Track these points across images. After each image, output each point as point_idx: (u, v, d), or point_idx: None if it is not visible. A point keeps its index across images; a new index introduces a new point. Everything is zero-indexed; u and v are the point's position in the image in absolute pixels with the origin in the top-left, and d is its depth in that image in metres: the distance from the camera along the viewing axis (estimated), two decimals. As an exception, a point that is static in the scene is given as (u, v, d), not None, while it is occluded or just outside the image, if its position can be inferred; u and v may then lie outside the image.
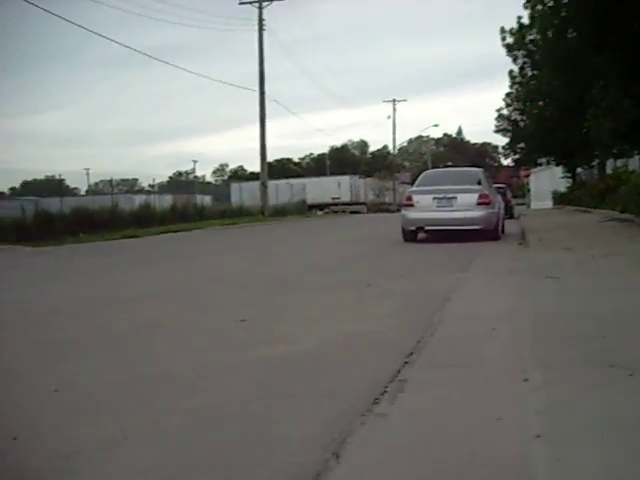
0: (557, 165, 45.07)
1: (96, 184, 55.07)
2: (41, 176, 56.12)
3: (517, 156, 49.28)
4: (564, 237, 14.37)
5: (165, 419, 3.52)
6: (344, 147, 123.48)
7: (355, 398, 3.70)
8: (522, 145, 46.13)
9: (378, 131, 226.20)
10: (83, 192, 48.65)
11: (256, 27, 43.73)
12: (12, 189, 54.32)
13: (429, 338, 5.14)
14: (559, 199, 45.86)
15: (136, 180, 68.27)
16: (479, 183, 17.09)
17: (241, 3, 43.84)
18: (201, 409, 3.66)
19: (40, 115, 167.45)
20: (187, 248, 19.53)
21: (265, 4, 43.69)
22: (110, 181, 38.11)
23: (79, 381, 4.42)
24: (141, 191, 53.42)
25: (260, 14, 43.62)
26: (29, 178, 62.01)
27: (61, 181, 33.90)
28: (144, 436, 3.30)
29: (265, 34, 43.86)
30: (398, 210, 30.82)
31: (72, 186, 50.39)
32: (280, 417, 3.50)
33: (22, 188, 65.09)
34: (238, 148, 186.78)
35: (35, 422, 3.61)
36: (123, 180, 60.20)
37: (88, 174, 45.41)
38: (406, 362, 4.41)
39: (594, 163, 37.57)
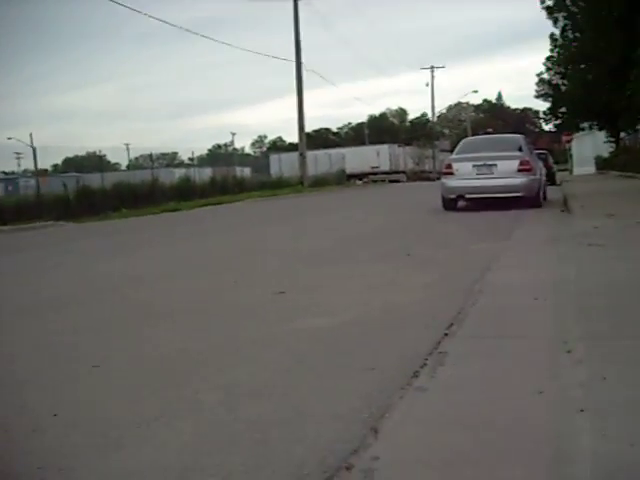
0: (600, 130, 44.27)
1: (136, 159, 55.38)
2: (82, 152, 56.79)
3: (558, 121, 48.47)
4: (607, 203, 14.10)
5: (204, 395, 3.51)
6: (383, 116, 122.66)
7: (394, 371, 3.66)
8: (564, 110, 45.36)
9: (417, 99, 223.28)
10: (124, 167, 49.01)
11: (291, -3, 43.39)
12: (54, 166, 55.03)
13: (470, 308, 5.08)
14: (602, 164, 45.09)
15: (176, 154, 68.76)
16: (520, 149, 16.83)
17: (276, -27, 43.52)
18: (239, 384, 3.65)
19: (80, 92, 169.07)
20: (228, 221, 19.59)
21: (300, -27, 43.29)
22: (150, 155, 38.30)
23: (116, 358, 4.44)
24: (181, 164, 53.81)
25: (295, -17, 43.24)
26: (70, 155, 62.81)
27: (102, 157, 34.18)
28: (182, 412, 3.29)
29: (300, 4, 43.53)
30: (438, 178, 30.50)
31: (113, 161, 50.95)
32: (318, 391, 3.47)
33: (64, 165, 65.99)
34: (276, 119, 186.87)
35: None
36: (163, 154, 60.57)
37: (128, 149, 45.64)
38: (446, 334, 4.36)
39: (639, 127, 36.81)
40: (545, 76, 46.30)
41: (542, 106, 52.20)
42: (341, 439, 2.80)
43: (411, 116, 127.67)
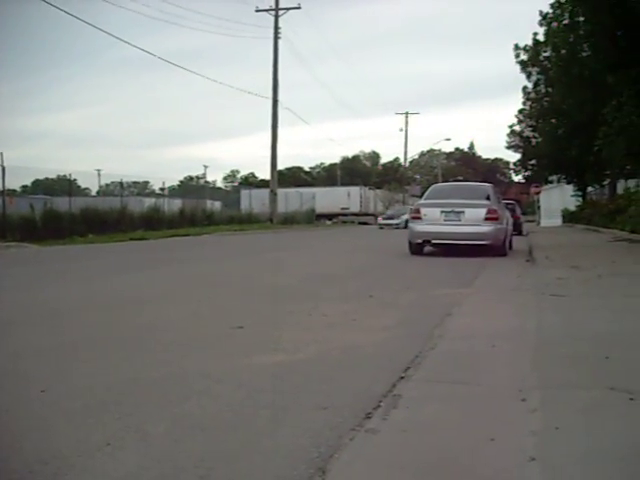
0: (568, 183, 44.95)
1: (107, 185, 55.02)
2: (53, 175, 56.29)
3: (528, 173, 49.21)
4: (572, 255, 14.26)
5: (151, 425, 3.43)
6: (355, 158, 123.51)
7: (347, 411, 3.61)
8: (533, 162, 46.06)
9: (390, 143, 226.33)
10: (94, 193, 48.66)
11: (271, 35, 43.86)
12: (23, 187, 54.45)
13: (428, 352, 5.06)
14: (569, 217, 45.75)
15: (147, 183, 68.41)
16: (488, 198, 16.99)
17: (257, 10, 43.99)
18: (188, 416, 3.57)
19: (54, 114, 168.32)
20: (193, 253, 19.48)
21: (281, 12, 43.80)
22: (121, 183, 38.16)
23: (69, 383, 4.34)
24: (151, 194, 53.53)
25: (276, 22, 43.76)
26: (40, 177, 62.24)
27: (72, 181, 33.92)
28: (127, 442, 3.20)
29: (280, 42, 43.96)
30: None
31: (83, 186, 50.49)
32: (268, 427, 3.41)
33: (33, 187, 65.30)
34: (249, 155, 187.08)
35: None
36: (134, 182, 60.34)
37: (99, 175, 45.37)
38: (402, 377, 4.32)
39: (605, 182, 37.48)
40: (517, 128, 47.10)
41: (513, 157, 53.15)
42: (288, 477, 2.74)
43: (384, 160, 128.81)
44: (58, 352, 5.34)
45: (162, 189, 42.46)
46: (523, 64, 40.51)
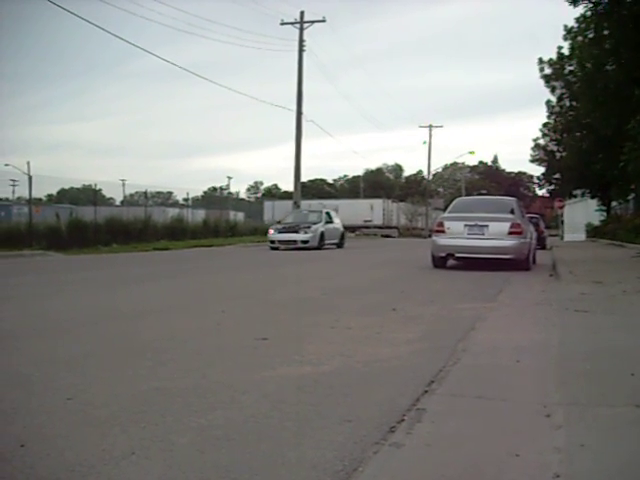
0: (592, 198, 44.66)
1: (131, 195, 55.53)
2: (78, 185, 56.92)
3: (552, 187, 48.99)
4: (596, 270, 14.15)
5: (176, 436, 3.45)
6: (379, 170, 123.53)
7: (371, 425, 3.61)
8: (557, 176, 45.82)
9: (413, 156, 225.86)
10: (118, 202, 49.03)
11: (295, 47, 44.00)
12: (49, 196, 55.08)
13: (451, 367, 5.05)
14: (593, 232, 45.39)
15: (170, 193, 68.92)
16: (512, 212, 16.93)
17: (282, 24, 44.14)
18: (213, 427, 3.59)
19: (78, 124, 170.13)
20: (216, 264, 19.56)
21: (306, 25, 43.95)
22: (145, 193, 38.45)
23: (94, 391, 4.38)
24: (175, 204, 53.88)
25: (301, 35, 43.89)
26: (66, 186, 62.95)
27: (97, 190, 34.22)
28: (153, 452, 3.23)
29: (304, 54, 44.10)
30: (429, 236, 30.57)
31: (108, 196, 50.93)
32: (292, 439, 3.42)
33: (58, 195, 66.13)
34: (273, 166, 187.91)
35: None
36: (158, 192, 60.78)
37: (124, 185, 45.69)
38: (426, 391, 4.33)
39: (630, 197, 37.14)
40: (541, 142, 46.92)
41: (537, 171, 52.86)
42: (311, 490, 2.75)
43: (407, 172, 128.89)
44: (83, 360, 5.38)
45: (186, 199, 42.67)
46: (547, 78, 40.38)
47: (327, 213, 32.12)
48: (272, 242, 29.06)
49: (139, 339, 6.40)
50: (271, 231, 30.05)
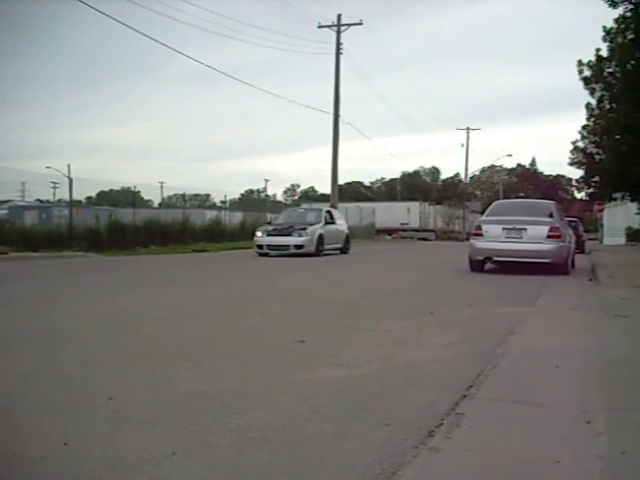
0: (632, 201, 43.96)
1: (169, 197, 55.86)
2: (117, 187, 57.50)
3: (591, 190, 48.29)
4: (636, 275, 13.97)
5: (216, 437, 3.48)
6: (415, 173, 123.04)
7: (410, 429, 3.61)
8: (597, 179, 45.21)
9: (450, 158, 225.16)
10: (156, 205, 49.43)
11: (332, 50, 44.04)
12: (88, 198, 55.74)
13: (490, 371, 5.03)
14: (633, 236, 44.79)
15: (208, 195, 69.18)
16: (550, 216, 16.78)
17: (320, 27, 44.20)
18: (252, 428, 3.62)
19: (117, 128, 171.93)
20: (254, 266, 19.63)
21: (343, 28, 43.97)
22: (183, 195, 38.80)
23: (135, 392, 4.43)
24: (212, 206, 54.17)
25: (338, 38, 43.91)
26: (105, 188, 63.65)
27: (136, 193, 34.55)
28: (193, 452, 3.26)
29: (341, 57, 44.13)
30: (467, 239, 30.34)
31: (146, 198, 51.32)
32: (331, 442, 3.43)
33: (97, 198, 66.91)
34: (310, 169, 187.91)
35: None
36: (195, 195, 61.10)
37: (162, 187, 46.06)
38: (465, 395, 4.32)
39: (671, 201, 36.59)
40: (580, 144, 46.27)
41: (575, 174, 52.20)
42: (351, 493, 2.76)
43: (444, 175, 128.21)
44: (123, 361, 5.45)
45: (223, 202, 42.86)
46: (586, 80, 39.88)
47: (328, 212, 27.62)
48: (259, 247, 24.41)
49: (177, 340, 6.46)
50: (258, 233, 24.95)
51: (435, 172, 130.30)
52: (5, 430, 3.60)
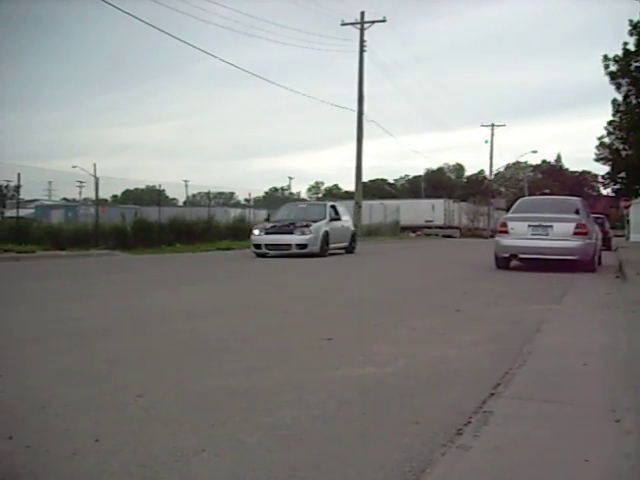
0: (659, 197, 43.61)
1: (194, 196, 56.15)
2: (142, 186, 57.85)
3: (617, 186, 47.85)
4: (665, 273, 13.84)
5: (245, 434, 3.50)
6: (440, 170, 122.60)
7: (437, 426, 3.61)
8: (623, 175, 44.80)
9: (475, 155, 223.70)
10: (181, 203, 49.71)
11: (356, 48, 44.01)
12: (114, 197, 56.18)
13: (517, 369, 5.02)
14: (660, 232, 44.34)
15: (232, 194, 69.48)
16: (577, 212, 16.68)
17: (343, 24, 44.19)
18: (280, 426, 3.64)
19: (142, 127, 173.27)
20: (277, 264, 19.66)
21: (366, 25, 43.92)
22: (207, 193, 38.95)
23: (163, 389, 4.47)
24: (237, 205, 54.36)
25: (361, 35, 43.88)
26: (130, 187, 64.10)
27: (161, 191, 34.74)
28: (222, 450, 3.28)
29: (364, 54, 44.09)
30: (492, 236, 30.13)
31: (171, 197, 51.62)
32: (360, 440, 3.44)
33: (123, 196, 67.41)
34: (334, 166, 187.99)
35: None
36: (220, 193, 61.31)
37: (187, 185, 46.30)
38: (492, 393, 4.31)
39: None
40: (606, 140, 45.88)
41: (601, 170, 51.68)
42: (380, 491, 2.77)
43: (468, 172, 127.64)
44: (152, 359, 5.50)
45: (247, 200, 43.01)
46: (613, 75, 39.49)
47: (332, 207, 25.34)
48: (257, 246, 22.32)
49: (204, 338, 6.51)
50: (256, 231, 22.92)
51: (459, 169, 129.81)
52: (37, 426, 3.65)
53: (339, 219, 24.85)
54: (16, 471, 3.01)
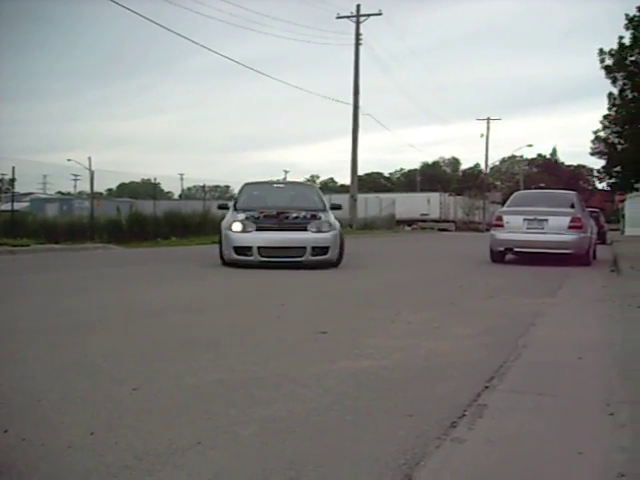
0: (654, 191, 43.69)
1: (189, 189, 56.04)
2: (137, 179, 57.76)
3: (613, 180, 47.89)
4: (659, 266, 13.87)
5: (240, 427, 3.51)
6: (435, 164, 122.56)
7: (432, 419, 3.63)
8: (618, 169, 44.84)
9: (470, 149, 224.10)
10: (176, 196, 49.64)
11: (352, 41, 43.99)
12: (109, 190, 56.06)
13: (512, 362, 5.04)
14: (655, 226, 44.44)
15: (228, 187, 69.35)
16: (572, 206, 16.71)
17: (339, 17, 44.17)
18: (276, 419, 3.64)
19: (137, 120, 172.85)
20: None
21: (362, 19, 43.88)
22: (203, 187, 38.87)
23: (159, 382, 4.47)
24: (232, 198, 54.27)
25: (357, 28, 43.89)
26: (126, 180, 64.01)
27: (156, 185, 34.66)
28: (217, 442, 3.29)
29: (360, 48, 44.04)
30: (487, 229, 30.17)
31: (166, 190, 51.54)
32: (354, 433, 3.45)
33: (118, 190, 67.31)
34: (329, 160, 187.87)
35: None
36: (215, 186, 61.27)
37: (182, 179, 46.23)
38: (487, 386, 4.32)
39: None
40: (601, 134, 45.87)
41: (597, 164, 51.76)
42: (375, 484, 2.78)
43: (464, 166, 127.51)
44: (147, 352, 5.49)
45: (243, 193, 42.86)
46: (608, 69, 39.48)
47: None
48: (239, 250, 14.26)
49: (200, 331, 6.50)
50: (236, 226, 14.42)
51: (455, 163, 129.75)
52: (32, 419, 3.65)
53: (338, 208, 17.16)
54: (12, 464, 3.01)
